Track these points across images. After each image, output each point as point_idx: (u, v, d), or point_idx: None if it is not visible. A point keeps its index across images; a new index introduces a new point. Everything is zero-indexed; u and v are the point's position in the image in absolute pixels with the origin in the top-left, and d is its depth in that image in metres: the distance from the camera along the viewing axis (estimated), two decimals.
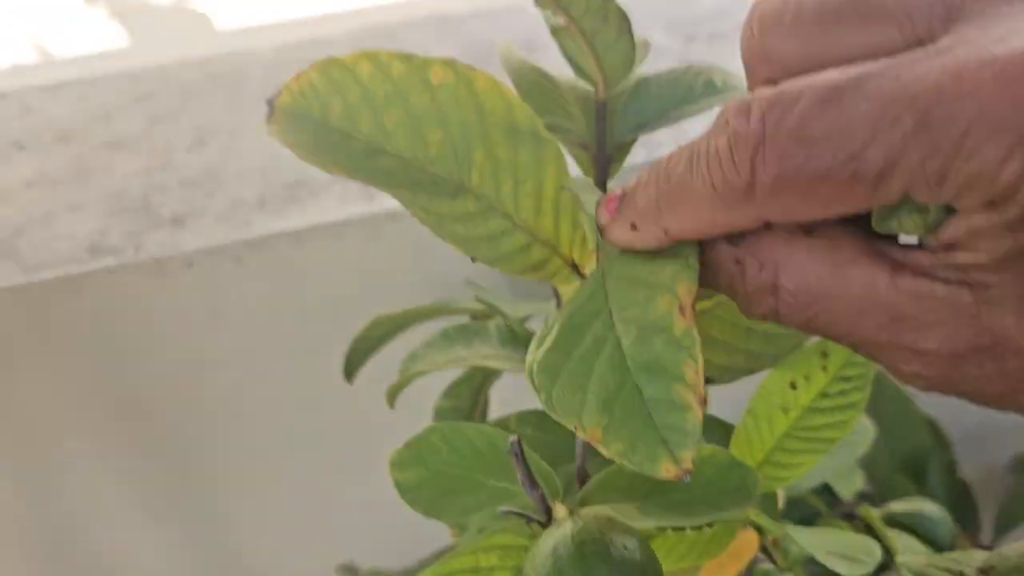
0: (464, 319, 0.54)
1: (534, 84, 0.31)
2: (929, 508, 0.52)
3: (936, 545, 0.51)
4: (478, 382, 0.51)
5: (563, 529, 0.26)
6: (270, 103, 0.26)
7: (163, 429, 0.65)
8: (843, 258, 0.21)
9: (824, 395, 0.32)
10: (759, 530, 0.38)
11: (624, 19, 0.26)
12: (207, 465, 0.67)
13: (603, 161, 0.29)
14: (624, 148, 0.29)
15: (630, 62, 0.28)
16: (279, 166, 0.62)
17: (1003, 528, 0.69)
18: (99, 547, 0.70)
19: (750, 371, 0.30)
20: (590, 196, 0.25)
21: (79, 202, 0.61)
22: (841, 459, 0.52)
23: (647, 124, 0.29)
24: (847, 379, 0.32)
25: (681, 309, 0.22)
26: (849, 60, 0.19)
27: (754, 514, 0.34)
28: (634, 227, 0.23)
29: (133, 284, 0.57)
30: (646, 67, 0.32)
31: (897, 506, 0.53)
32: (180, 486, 0.68)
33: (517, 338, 0.55)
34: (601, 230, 0.24)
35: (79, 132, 0.67)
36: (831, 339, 0.22)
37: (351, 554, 0.69)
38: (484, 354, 0.51)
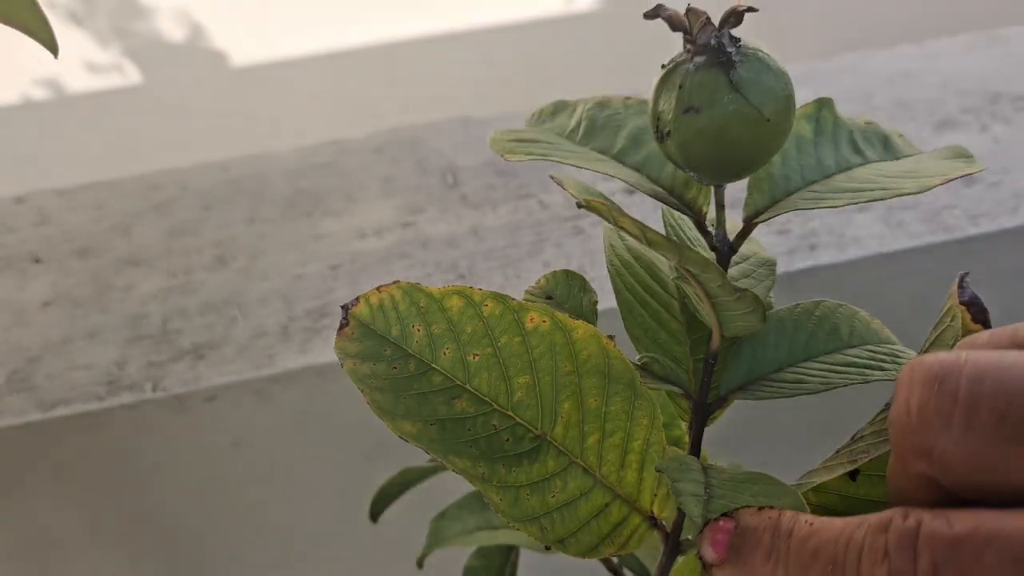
0: None
1: (636, 299, 0.30)
2: None
3: None
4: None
5: None
6: (345, 309, 0.25)
7: (181, 551, 0.63)
8: None
9: None
10: None
11: (758, 302, 0.24)
12: None
13: (702, 413, 0.27)
14: (728, 400, 0.27)
15: (753, 329, 0.26)
16: (302, 290, 0.61)
17: None
18: None
19: None
20: (689, 485, 0.23)
21: (96, 327, 0.60)
22: None
23: (757, 380, 0.27)
24: None
25: None
26: None
27: None
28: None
29: (153, 418, 0.56)
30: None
31: None
32: None
33: None
34: (704, 563, 0.22)
35: (97, 247, 0.66)
36: None
37: None
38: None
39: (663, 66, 0.23)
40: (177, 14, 2.05)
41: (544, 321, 0.26)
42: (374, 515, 0.56)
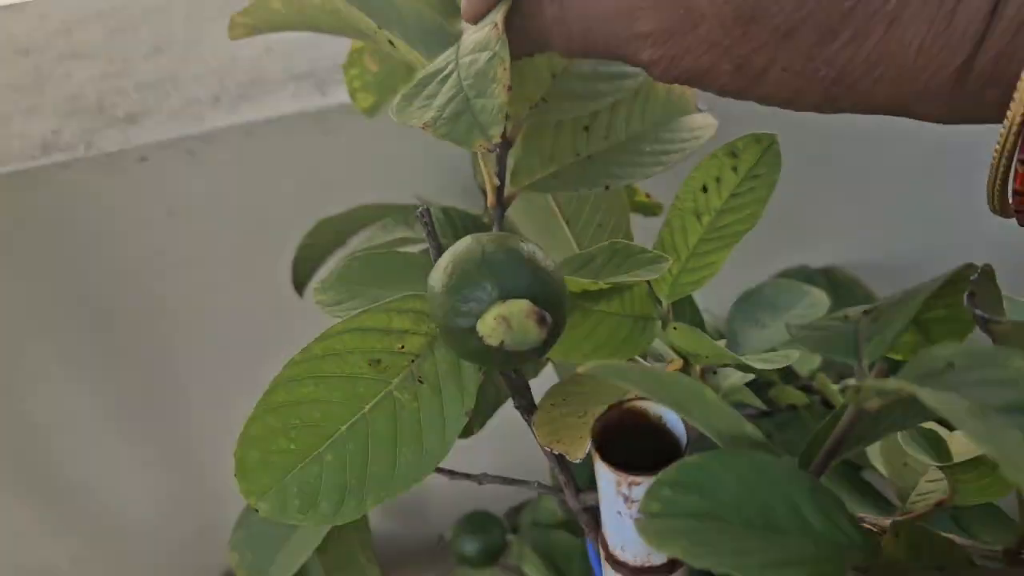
0: None
1: None
2: None
3: None
4: None
5: (468, 241, 0.27)
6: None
7: (124, 329, 0.65)
8: None
9: (734, 195, 0.32)
10: (685, 360, 0.38)
11: None
12: (169, 366, 0.67)
13: None
14: None
15: None
16: (235, 68, 0.62)
17: None
18: (61, 450, 0.70)
19: None
20: None
21: (35, 106, 0.61)
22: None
23: None
24: (756, 176, 0.32)
25: (495, 26, 0.29)
26: None
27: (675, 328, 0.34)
28: None
29: (87, 179, 0.57)
30: None
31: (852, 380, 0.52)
32: (142, 386, 0.68)
33: (455, 227, 0.55)
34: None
35: (39, 46, 0.67)
36: (600, 53, 0.29)
37: None
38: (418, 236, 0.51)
39: None
40: None
41: None
42: (297, 285, 0.57)
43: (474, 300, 0.26)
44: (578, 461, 0.33)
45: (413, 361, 0.32)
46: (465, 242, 0.28)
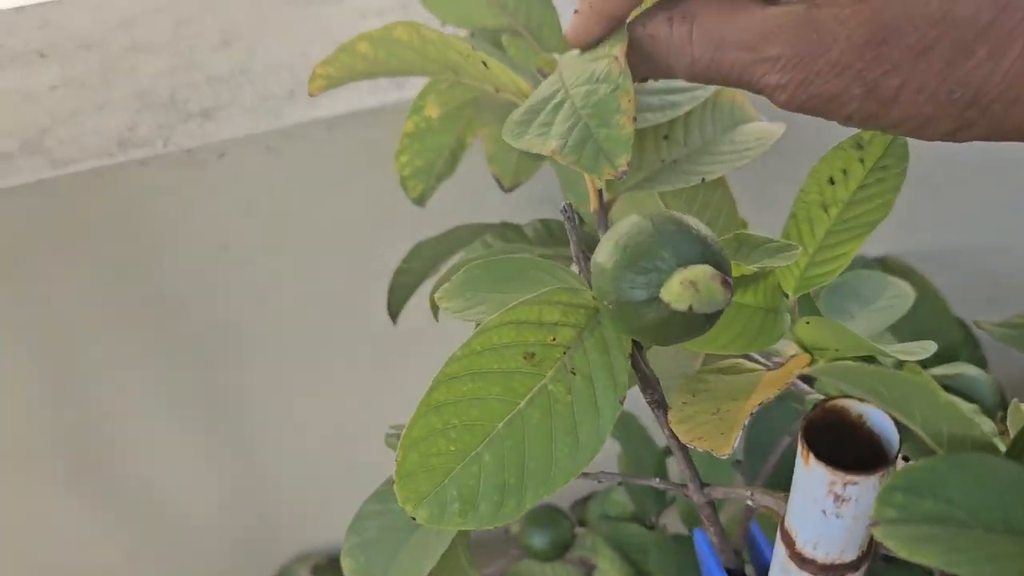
0: None
1: None
2: (972, 370, 0.52)
3: (980, 403, 0.51)
4: None
5: (633, 218, 0.27)
6: None
7: (192, 324, 0.65)
8: (735, 5, 0.28)
9: (862, 187, 0.33)
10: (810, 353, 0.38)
11: None
12: (233, 362, 0.67)
13: None
14: None
15: None
16: (307, 63, 0.62)
17: None
18: (121, 446, 0.70)
19: None
20: None
21: (105, 101, 0.61)
22: (880, 322, 0.51)
23: None
24: (884, 168, 0.32)
25: (616, 60, 0.31)
26: None
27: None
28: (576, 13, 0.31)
29: (164, 175, 0.57)
30: None
31: (939, 370, 0.53)
32: (207, 381, 0.68)
33: (554, 236, 0.55)
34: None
35: (101, 40, 0.66)
36: (724, 77, 0.29)
37: (383, 465, 0.69)
38: (522, 248, 0.52)
39: None
40: None
41: None
42: (393, 312, 0.57)
43: (654, 270, 0.27)
44: (724, 457, 0.33)
45: (565, 353, 0.32)
46: (629, 220, 0.29)
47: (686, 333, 0.28)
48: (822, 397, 0.39)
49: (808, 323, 0.36)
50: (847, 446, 0.27)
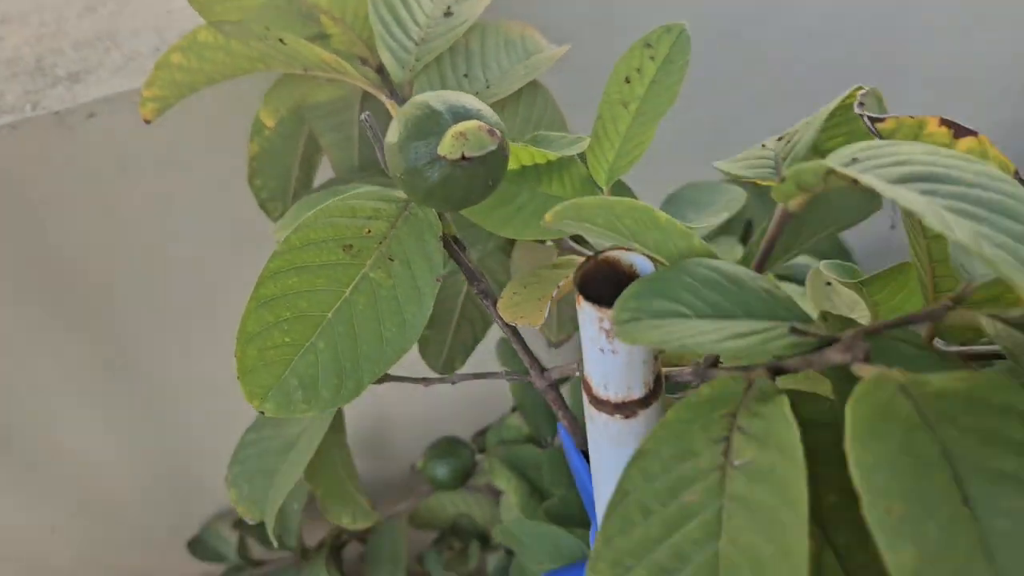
0: None
1: None
2: (806, 260, 0.56)
3: None
4: None
5: (414, 98, 0.30)
6: None
7: (84, 288, 0.66)
8: None
9: (653, 82, 0.36)
10: None
11: None
12: (131, 322, 0.69)
13: None
14: None
15: None
16: (172, 20, 0.63)
17: None
18: (32, 417, 0.71)
19: None
20: None
21: None
22: (715, 222, 0.54)
23: None
24: (670, 62, 0.36)
25: None
26: None
27: None
28: None
29: (35, 139, 0.58)
30: None
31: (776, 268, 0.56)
32: (110, 345, 0.69)
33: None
34: None
35: None
36: None
37: None
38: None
39: None
40: None
41: None
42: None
43: (433, 134, 0.30)
44: (539, 327, 0.37)
45: (381, 243, 0.35)
46: (412, 100, 0.32)
47: (472, 191, 0.31)
48: None
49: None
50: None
